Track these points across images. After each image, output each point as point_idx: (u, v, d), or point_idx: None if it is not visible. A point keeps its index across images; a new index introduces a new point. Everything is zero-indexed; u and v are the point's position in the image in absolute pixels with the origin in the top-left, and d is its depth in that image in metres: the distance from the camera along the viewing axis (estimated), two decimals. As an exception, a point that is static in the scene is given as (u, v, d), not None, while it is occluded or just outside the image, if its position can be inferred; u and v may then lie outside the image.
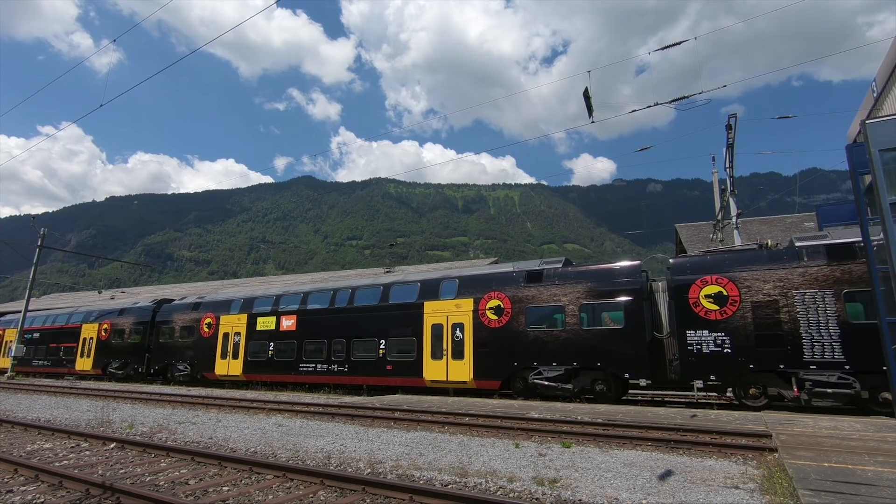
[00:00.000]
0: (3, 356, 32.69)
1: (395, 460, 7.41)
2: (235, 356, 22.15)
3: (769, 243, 14.59)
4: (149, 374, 25.63)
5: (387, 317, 18.64)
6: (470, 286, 17.41)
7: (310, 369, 19.89)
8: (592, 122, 13.86)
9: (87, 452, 8.37)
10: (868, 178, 10.86)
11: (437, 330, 17.35)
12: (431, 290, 18.15)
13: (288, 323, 20.96)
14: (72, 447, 8.82)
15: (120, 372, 26.66)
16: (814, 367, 11.98)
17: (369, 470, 6.85)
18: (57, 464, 7.44)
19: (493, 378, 16.06)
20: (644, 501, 5.35)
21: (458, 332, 16.92)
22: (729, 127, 20.07)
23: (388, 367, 18.08)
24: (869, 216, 10.97)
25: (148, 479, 6.61)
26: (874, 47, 16.48)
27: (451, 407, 12.95)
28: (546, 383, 15.13)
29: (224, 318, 23.12)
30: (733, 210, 20.46)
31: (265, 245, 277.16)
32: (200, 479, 6.57)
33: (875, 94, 15.93)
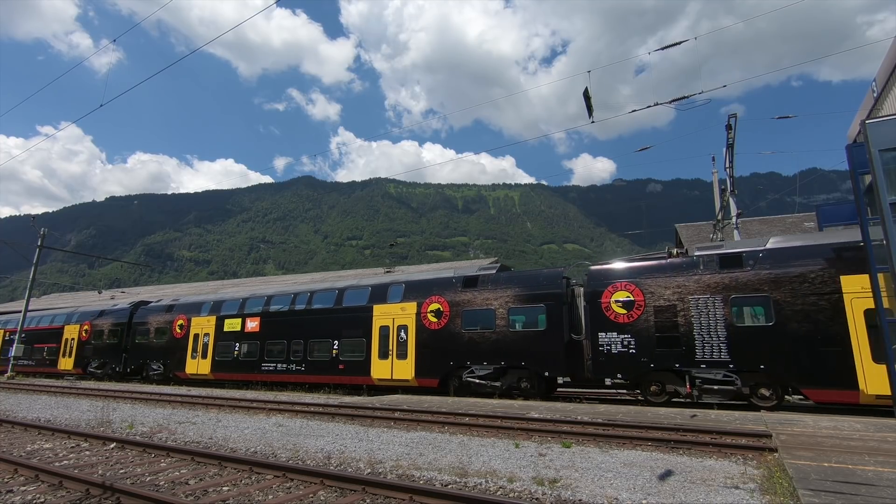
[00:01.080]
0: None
1: (395, 460, 7.41)
2: (204, 356, 23.15)
3: (674, 252, 15.51)
4: (125, 373, 26.58)
5: (340, 319, 19.68)
6: (414, 290, 18.43)
7: (271, 368, 20.93)
8: (592, 122, 13.86)
9: (87, 452, 8.37)
10: (868, 178, 10.88)
11: (384, 331, 18.42)
12: (381, 294, 19.19)
13: (252, 325, 22.06)
14: (72, 447, 8.81)
15: (99, 371, 27.62)
16: (704, 365, 13.00)
17: (369, 470, 6.85)
18: (57, 464, 7.43)
19: (432, 376, 17.06)
20: (644, 501, 5.35)
21: (402, 334, 17.97)
22: (729, 127, 20.07)
23: (341, 367, 19.12)
24: (869, 216, 10.98)
25: (148, 479, 6.61)
26: (874, 47, 16.49)
27: (451, 407, 12.95)
28: (478, 381, 16.22)
29: (195, 320, 24.13)
30: (733, 210, 20.47)
31: (265, 245, 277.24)
32: (200, 479, 6.57)
33: (875, 94, 15.94)
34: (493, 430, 9.89)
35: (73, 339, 29.37)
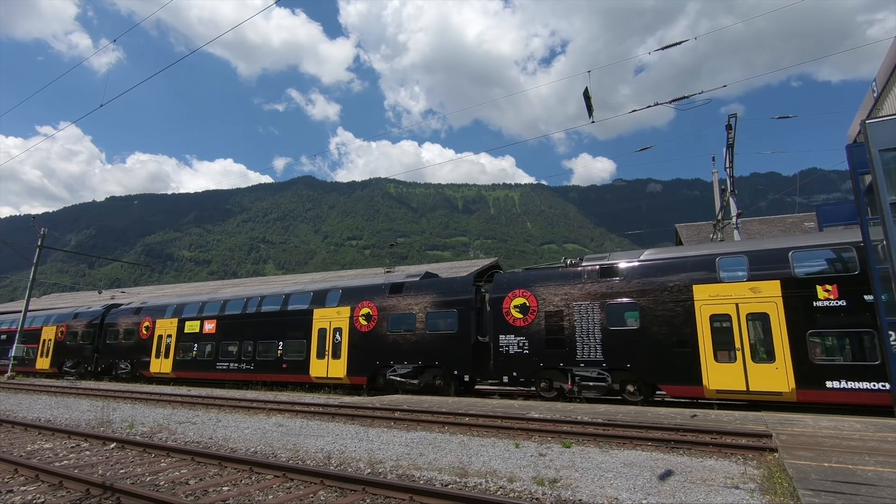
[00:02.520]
0: None
1: (395, 460, 7.41)
2: (167, 356, 24.58)
3: (569, 262, 16.80)
4: (97, 372, 27.84)
5: (285, 322, 21.04)
6: (349, 295, 19.74)
7: (225, 367, 22.35)
8: (592, 121, 13.86)
9: (88, 452, 8.37)
10: (868, 178, 10.87)
11: (322, 333, 19.70)
12: (320, 299, 20.50)
13: (209, 326, 23.45)
14: (72, 447, 8.81)
15: (73, 371, 28.71)
16: (583, 364, 14.45)
17: (369, 470, 6.85)
18: (57, 464, 7.43)
19: (361, 375, 18.39)
20: (644, 501, 5.35)
21: (337, 336, 19.29)
22: (729, 127, 20.06)
23: (284, 366, 20.44)
24: (869, 216, 10.98)
25: (148, 479, 6.61)
26: (874, 47, 16.48)
27: (451, 407, 12.95)
28: (399, 379, 17.53)
29: (159, 322, 25.47)
30: (733, 210, 20.46)
31: (265, 245, 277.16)
32: (200, 479, 6.57)
33: (875, 94, 15.93)
34: (493, 430, 9.88)
35: (49, 339, 30.57)
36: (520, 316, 15.75)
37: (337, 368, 18.94)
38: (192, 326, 24.01)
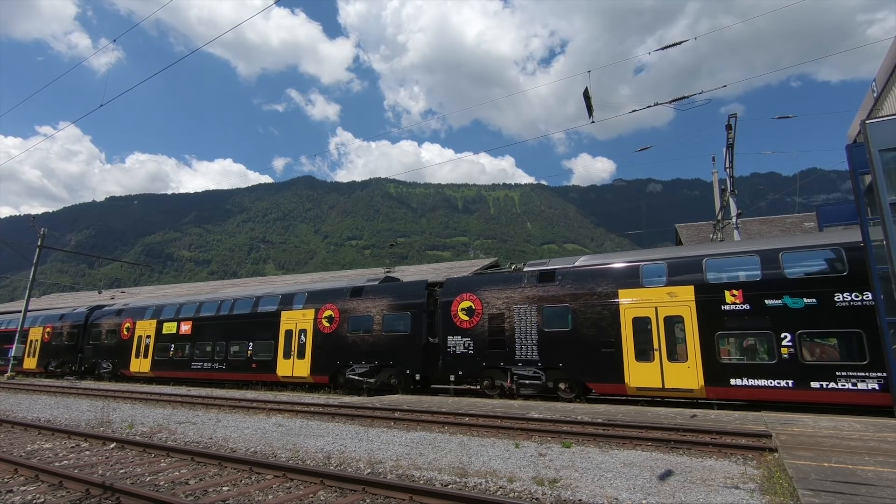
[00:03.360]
0: None
1: (395, 460, 7.41)
2: (146, 356, 25.46)
3: (514, 267, 17.71)
4: (80, 371, 28.56)
5: (254, 323, 21.95)
6: (315, 298, 20.58)
7: (199, 367, 23.20)
8: (592, 122, 13.86)
9: (87, 452, 8.37)
10: (868, 178, 10.87)
11: (288, 335, 20.60)
12: (288, 301, 21.36)
13: (185, 328, 24.31)
14: (72, 447, 8.81)
15: (58, 370, 29.54)
16: (521, 364, 15.34)
17: (369, 470, 6.85)
18: (57, 464, 7.43)
19: (323, 374, 19.26)
20: (644, 501, 5.35)
21: (302, 337, 20.16)
22: (729, 127, 20.06)
23: (254, 365, 21.36)
24: (869, 216, 10.97)
25: (148, 479, 6.61)
26: (874, 47, 16.48)
27: (451, 407, 12.95)
28: (357, 378, 18.39)
29: (139, 323, 26.38)
30: (733, 210, 20.46)
31: (265, 245, 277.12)
32: (200, 479, 6.57)
33: (875, 94, 15.92)
34: (493, 430, 9.88)
35: (36, 340, 31.38)
36: (466, 318, 16.71)
37: (301, 368, 19.83)
38: (169, 328, 24.88)
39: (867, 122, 10.50)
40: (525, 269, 16.65)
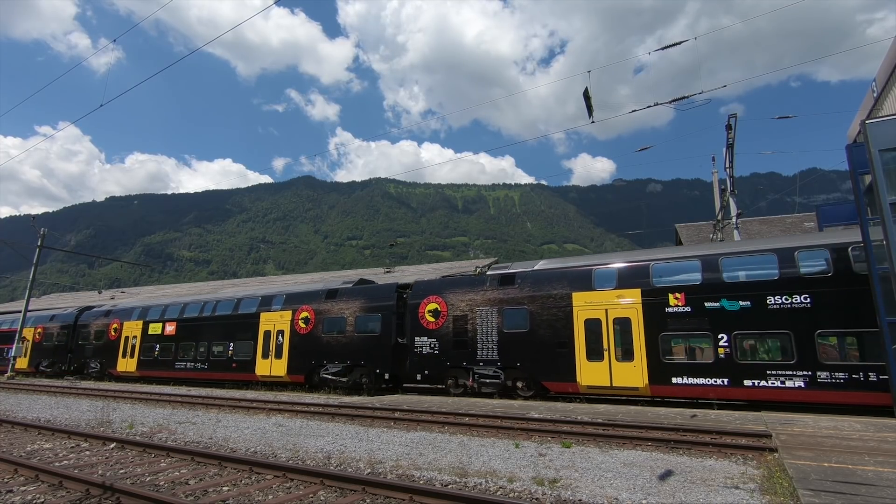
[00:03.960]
0: None
1: (395, 460, 7.41)
2: (132, 356, 26.04)
3: (479, 270, 18.41)
4: (70, 371, 29.13)
5: (235, 324, 22.48)
6: (292, 300, 21.13)
7: (182, 366, 23.74)
8: (592, 122, 13.86)
9: (87, 452, 8.37)
10: (868, 178, 10.87)
11: (267, 335, 21.19)
12: (267, 303, 21.97)
13: (170, 329, 24.87)
14: (72, 447, 8.81)
15: (49, 370, 30.16)
16: (482, 363, 15.98)
17: (369, 470, 6.85)
18: (57, 464, 7.43)
19: (299, 373, 19.82)
20: (644, 501, 5.35)
21: (280, 337, 20.74)
22: (729, 127, 20.06)
23: (234, 365, 21.93)
24: (869, 216, 10.97)
25: (148, 479, 6.61)
26: (873, 47, 16.47)
27: (451, 407, 12.95)
28: (330, 377, 18.96)
29: (126, 324, 26.93)
30: (733, 210, 20.46)
31: (265, 245, 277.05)
32: (200, 479, 6.56)
33: (875, 94, 15.92)
34: (493, 430, 9.89)
35: (28, 340, 31.79)
36: (432, 320, 17.31)
37: (279, 367, 20.46)
38: (154, 328, 25.47)
39: (867, 122, 10.50)
40: (488, 273, 17.37)
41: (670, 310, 13.42)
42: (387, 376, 17.88)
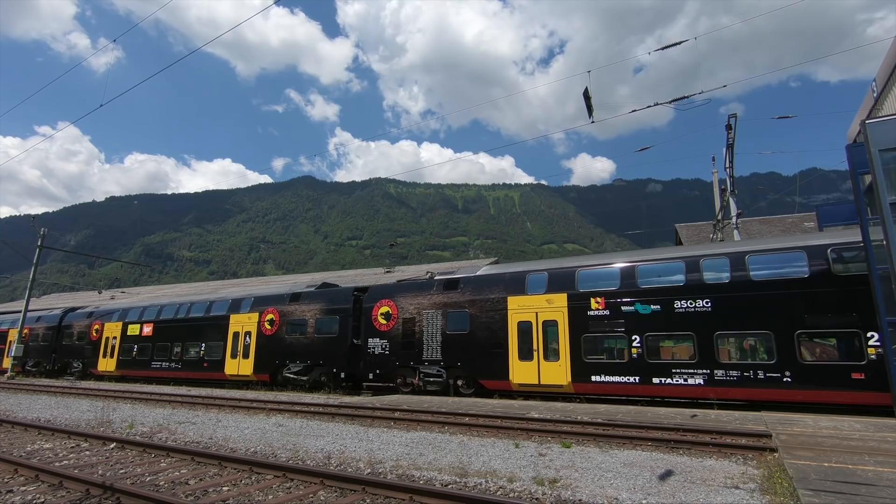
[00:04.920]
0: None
1: (395, 460, 7.41)
2: (112, 356, 27.16)
3: (430, 275, 19.36)
4: (54, 370, 30.25)
5: (206, 326, 23.59)
6: (259, 303, 22.30)
7: (158, 366, 24.83)
8: (592, 122, 13.86)
9: (87, 452, 8.37)
10: (868, 178, 10.86)
11: (236, 336, 22.32)
12: (237, 306, 23.11)
13: (147, 330, 25.98)
14: (72, 447, 8.81)
15: (34, 369, 31.15)
16: (427, 363, 16.95)
17: (369, 470, 6.85)
18: (57, 464, 7.43)
19: (265, 372, 20.94)
20: (644, 501, 5.35)
21: (247, 338, 21.86)
22: (729, 127, 20.06)
23: (205, 365, 23.04)
24: (869, 216, 10.97)
25: (148, 479, 6.61)
26: (873, 47, 16.47)
27: (451, 407, 12.95)
28: (293, 376, 20.04)
29: (107, 325, 27.97)
30: (733, 210, 20.45)
31: (265, 245, 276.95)
32: (200, 479, 6.56)
33: (875, 94, 15.92)
34: (493, 430, 9.89)
35: (14, 341, 32.75)
36: (384, 322, 18.30)
37: (246, 367, 21.60)
38: (133, 329, 26.57)
39: (867, 122, 10.49)
40: (435, 278, 18.38)
41: (592, 313, 14.52)
42: (343, 375, 18.89)
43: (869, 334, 11.27)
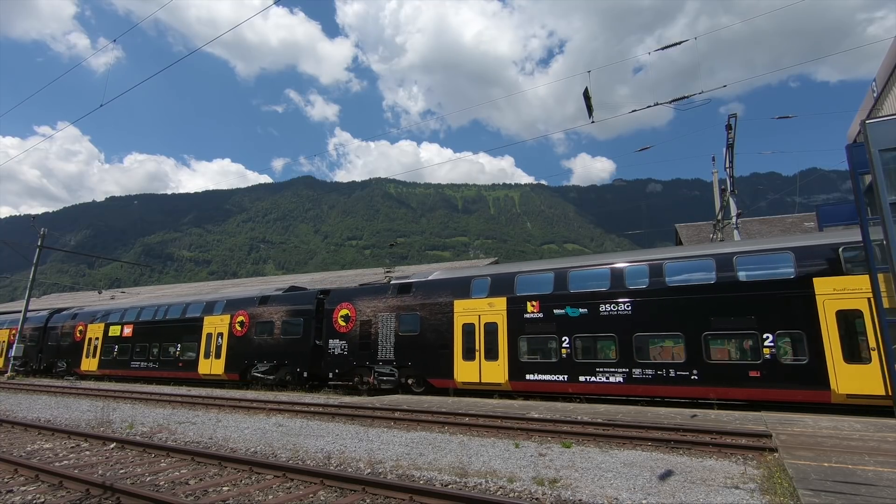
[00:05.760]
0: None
1: (395, 460, 7.41)
2: (94, 356, 28.11)
3: (387, 278, 20.53)
4: (40, 370, 31.27)
5: (182, 327, 24.58)
6: (231, 305, 23.33)
7: (137, 365, 25.82)
8: (592, 122, 13.86)
9: (87, 452, 8.37)
10: (868, 178, 10.86)
11: (209, 337, 23.34)
12: (210, 308, 24.13)
13: (127, 331, 26.99)
14: (72, 447, 8.81)
15: (21, 369, 31.37)
16: (381, 363, 17.88)
17: (369, 470, 6.85)
18: (57, 464, 7.43)
19: (235, 371, 22.01)
20: (644, 501, 5.35)
21: (220, 339, 22.88)
22: (729, 127, 20.06)
23: (180, 364, 24.07)
24: (869, 216, 10.97)
25: (148, 479, 6.61)
26: (873, 47, 16.47)
27: (451, 407, 12.95)
28: (260, 375, 21.09)
29: (90, 326, 28.91)
30: (733, 210, 20.45)
31: (265, 245, 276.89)
32: (200, 479, 6.56)
33: (875, 94, 15.92)
34: (493, 430, 9.89)
35: (3, 341, 33.74)
36: (344, 324, 19.23)
37: (217, 366, 22.59)
38: (114, 331, 27.55)
39: (867, 122, 10.49)
40: (391, 283, 19.41)
41: (528, 316, 15.45)
42: (305, 375, 19.89)
43: (765, 336, 12.29)
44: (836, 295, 11.69)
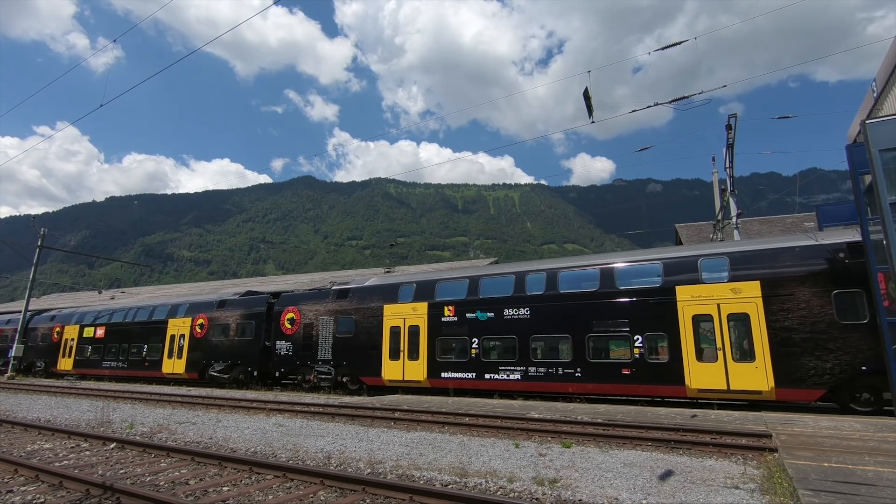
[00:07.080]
0: None
1: (395, 460, 7.41)
2: (70, 356, 29.47)
3: (331, 284, 21.60)
4: (20, 369, 31.26)
5: (149, 329, 26.06)
6: (193, 309, 24.77)
7: (108, 365, 27.21)
8: (592, 122, 13.86)
9: (87, 452, 8.37)
10: (868, 178, 10.86)
11: (172, 338, 24.79)
12: (174, 311, 25.50)
13: (100, 332, 28.26)
14: (72, 447, 8.81)
15: (3, 368, 32.31)
16: (320, 362, 19.27)
17: (369, 470, 6.85)
18: (57, 464, 7.43)
19: (194, 371, 23.40)
20: (644, 501, 5.35)
21: (181, 340, 24.33)
22: (729, 127, 20.06)
23: (146, 364, 25.47)
24: (869, 216, 10.97)
25: (148, 479, 6.61)
26: (873, 47, 16.46)
27: (451, 407, 12.95)
28: (216, 374, 22.50)
29: (67, 328, 30.24)
30: (733, 210, 20.45)
31: (265, 245, 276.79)
32: (200, 479, 6.56)
33: (875, 94, 15.91)
34: (493, 430, 9.89)
35: None
36: (290, 326, 20.57)
37: (179, 366, 24.02)
38: (88, 332, 28.83)
39: (867, 122, 10.49)
40: (332, 288, 20.54)
41: (445, 319, 16.91)
42: (255, 374, 21.36)
43: (636, 337, 13.71)
44: (693, 301, 13.16)
